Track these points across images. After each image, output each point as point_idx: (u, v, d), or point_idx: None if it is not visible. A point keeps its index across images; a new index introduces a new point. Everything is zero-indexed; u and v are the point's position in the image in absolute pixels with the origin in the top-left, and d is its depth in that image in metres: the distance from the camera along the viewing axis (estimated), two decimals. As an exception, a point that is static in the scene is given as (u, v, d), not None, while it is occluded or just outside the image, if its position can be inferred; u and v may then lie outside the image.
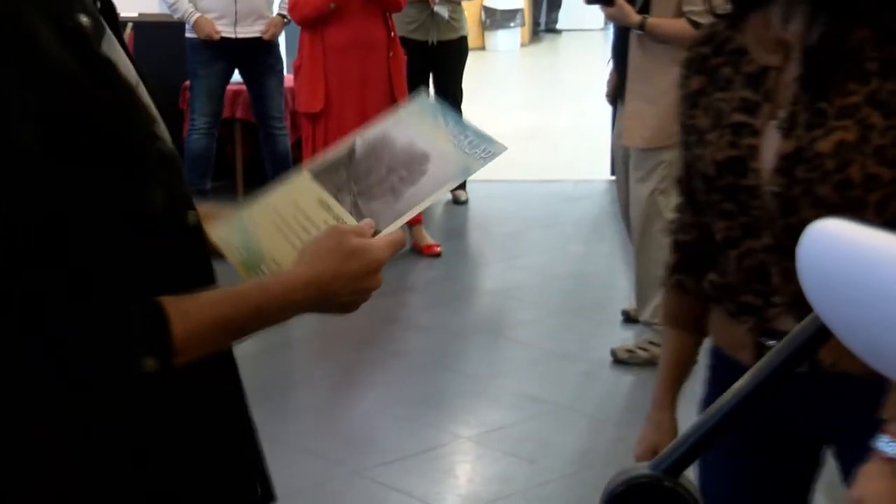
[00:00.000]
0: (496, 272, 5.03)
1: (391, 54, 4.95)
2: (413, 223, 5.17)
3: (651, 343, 3.78)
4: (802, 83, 1.44)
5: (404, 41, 5.28)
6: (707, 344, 1.68)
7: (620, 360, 3.85)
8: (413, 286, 4.94)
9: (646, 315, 3.82)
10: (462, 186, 6.09)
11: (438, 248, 5.19)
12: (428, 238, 5.22)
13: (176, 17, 5.53)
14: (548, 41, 14.05)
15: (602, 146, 6.68)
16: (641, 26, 3.63)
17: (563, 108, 9.17)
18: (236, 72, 5.67)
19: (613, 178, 6.45)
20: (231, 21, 5.46)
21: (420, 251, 5.18)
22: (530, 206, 6.12)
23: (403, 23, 5.46)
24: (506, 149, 1.22)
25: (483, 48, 12.54)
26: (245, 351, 1.22)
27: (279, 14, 5.55)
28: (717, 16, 1.57)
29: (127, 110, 1.06)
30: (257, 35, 5.51)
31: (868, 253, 0.63)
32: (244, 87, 5.81)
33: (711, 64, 1.53)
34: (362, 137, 1.25)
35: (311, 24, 4.92)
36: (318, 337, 4.33)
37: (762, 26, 1.49)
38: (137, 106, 1.08)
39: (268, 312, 1.10)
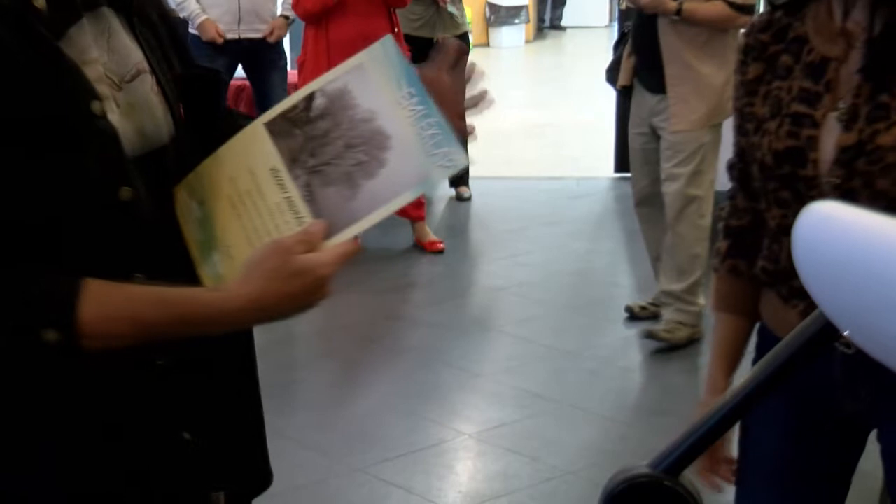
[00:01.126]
0: (499, 269, 5.03)
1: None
2: (415, 219, 5.17)
3: (680, 323, 3.94)
4: (864, 75, 1.44)
5: (409, 39, 5.27)
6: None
7: (660, 339, 3.96)
8: (416, 282, 4.94)
9: (678, 288, 3.94)
10: (465, 183, 6.09)
11: (441, 245, 5.19)
12: (431, 234, 5.22)
13: (182, 15, 5.52)
14: (552, 38, 14.04)
15: (606, 143, 6.69)
16: (678, 12, 3.66)
17: (567, 105, 9.16)
18: (239, 67, 5.66)
19: (617, 175, 6.46)
20: (234, 20, 5.45)
21: (423, 248, 5.18)
22: (534, 203, 6.11)
23: (408, 20, 5.46)
24: (467, 164, 1.20)
25: (487, 45, 12.54)
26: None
27: (282, 15, 5.54)
28: (774, 6, 1.56)
29: (59, 89, 1.07)
30: (260, 36, 5.49)
31: (864, 236, 0.62)
32: (247, 83, 5.81)
33: (770, 52, 1.53)
34: (322, 90, 1.20)
35: (314, 19, 4.92)
36: (320, 333, 4.33)
37: (823, 16, 1.49)
38: (76, 86, 1.08)
39: (195, 323, 1.10)
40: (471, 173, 6.10)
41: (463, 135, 1.26)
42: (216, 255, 1.18)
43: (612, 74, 4.14)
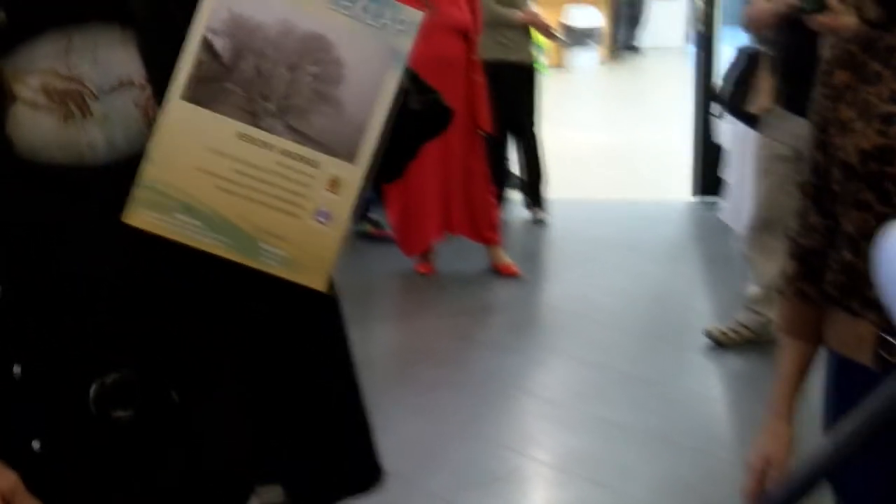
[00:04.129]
0: (575, 293, 4.97)
1: (472, 77, 4.90)
2: (490, 243, 5.15)
3: (743, 326, 4.00)
4: None
5: (499, 64, 5.28)
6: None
7: (719, 342, 4.03)
8: (491, 306, 4.91)
9: (755, 293, 4.00)
10: (541, 206, 6.05)
11: (516, 269, 5.15)
12: (506, 258, 5.19)
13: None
14: (627, 59, 13.96)
15: (682, 166, 6.60)
16: None
17: (643, 127, 9.08)
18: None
19: (694, 198, 6.38)
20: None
21: (498, 271, 5.15)
22: (610, 227, 6.05)
23: (500, 45, 5.47)
24: (420, 13, 1.11)
25: (561, 66, 12.50)
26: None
27: None
28: (867, 22, 1.55)
29: None
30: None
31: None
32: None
33: (859, 60, 1.52)
34: (211, 31, 1.08)
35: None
36: (395, 356, 4.33)
37: None
38: None
39: None
40: (546, 196, 6.07)
41: None
42: (263, 244, 1.12)
43: (736, 98, 3.96)
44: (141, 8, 1.21)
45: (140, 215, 1.11)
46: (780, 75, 3.79)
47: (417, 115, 1.25)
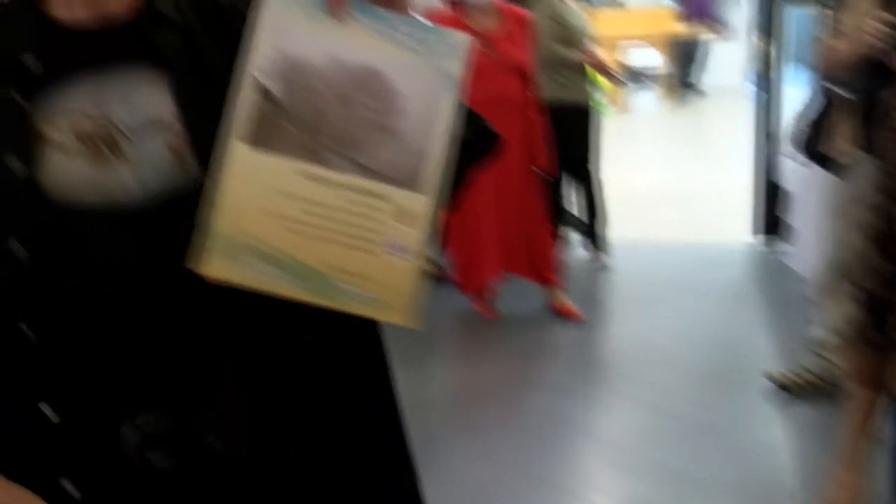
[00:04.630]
0: (635, 336, 4.93)
1: (530, 116, 4.91)
2: (550, 284, 5.13)
3: (808, 370, 3.96)
4: None
5: (558, 104, 5.29)
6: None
7: (782, 386, 4.00)
8: (551, 349, 4.88)
9: (825, 337, 3.90)
10: (601, 248, 6.02)
11: (576, 311, 5.13)
12: (565, 299, 5.17)
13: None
14: (687, 99, 13.89)
15: (743, 209, 6.54)
16: None
17: (703, 167, 9.02)
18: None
19: (755, 241, 6.30)
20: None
21: (558, 313, 5.12)
22: (671, 269, 6.01)
23: (559, 85, 5.48)
24: (467, 37, 1.10)
25: (620, 107, 12.47)
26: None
27: None
28: None
29: None
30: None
31: None
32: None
33: None
34: (260, 72, 1.07)
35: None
36: (454, 397, 4.31)
37: None
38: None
39: None
40: (606, 237, 6.04)
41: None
42: (341, 284, 1.10)
43: (811, 140, 3.90)
44: (172, 48, 1.22)
45: (213, 266, 1.09)
46: (858, 117, 3.72)
47: (466, 143, 1.26)
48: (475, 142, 1.29)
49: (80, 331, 1.19)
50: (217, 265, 1.08)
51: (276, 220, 1.08)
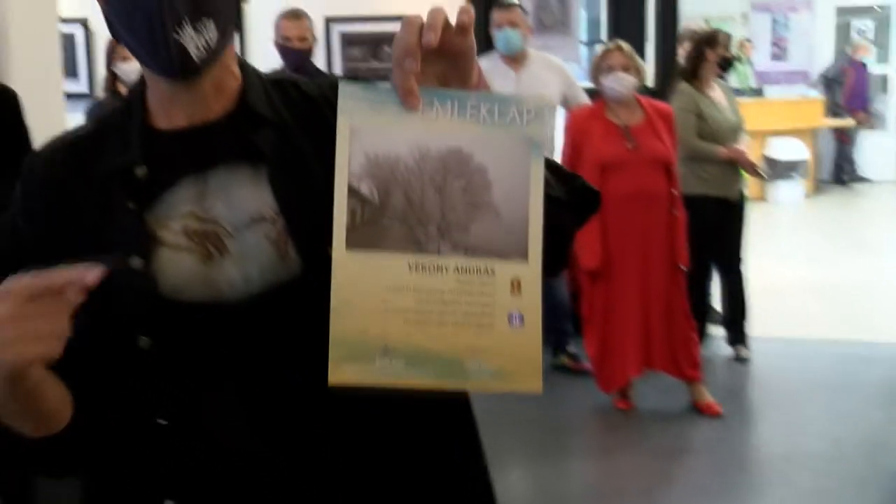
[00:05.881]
0: (782, 436, 4.75)
1: (673, 211, 4.85)
2: (691, 380, 5.01)
3: None
4: None
5: (701, 199, 5.23)
6: None
7: None
8: (693, 447, 4.74)
9: None
10: (744, 342, 5.86)
11: (719, 408, 4.98)
12: (708, 396, 5.03)
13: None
14: (834, 192, 13.54)
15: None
16: None
17: (851, 262, 8.73)
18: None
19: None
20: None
21: (699, 410, 4.98)
22: (819, 366, 5.79)
23: (701, 180, 5.42)
24: (544, 96, 1.11)
25: (764, 199, 12.25)
26: None
27: None
28: None
29: (102, 248, 1.22)
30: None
31: None
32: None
33: None
34: (354, 177, 1.10)
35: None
36: (592, 495, 4.22)
37: None
38: (123, 244, 1.23)
39: None
40: (749, 333, 5.88)
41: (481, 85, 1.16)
42: (468, 363, 1.11)
43: None
44: (268, 144, 1.27)
45: (342, 373, 1.10)
46: None
47: (564, 203, 1.25)
48: (575, 202, 1.29)
49: (199, 422, 1.25)
50: (345, 371, 1.10)
51: (394, 314, 1.10)
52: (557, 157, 5.52)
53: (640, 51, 5.84)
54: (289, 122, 1.30)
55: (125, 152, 1.28)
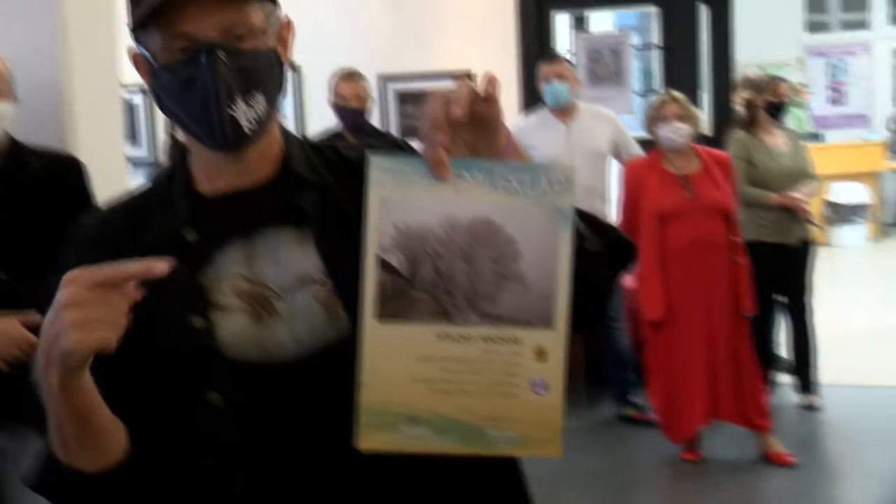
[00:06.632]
0: (858, 488, 4.62)
1: (735, 259, 4.79)
2: (760, 429, 4.91)
3: None
4: None
5: (758, 245, 5.17)
6: None
7: None
8: (765, 499, 4.63)
9: None
10: (814, 391, 5.74)
11: (791, 459, 4.86)
12: (778, 446, 4.92)
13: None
14: (898, 236, 13.32)
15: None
16: None
17: (922, 307, 8.54)
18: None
19: None
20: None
21: (769, 460, 4.88)
22: (891, 414, 5.64)
23: (758, 226, 5.37)
24: (572, 168, 1.11)
25: (827, 244, 12.07)
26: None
27: None
28: None
29: (167, 310, 1.25)
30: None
31: None
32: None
33: None
34: (381, 249, 1.12)
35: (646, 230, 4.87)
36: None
37: None
38: (184, 305, 1.26)
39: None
40: (819, 380, 5.76)
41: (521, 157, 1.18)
42: (491, 431, 1.14)
43: None
44: (312, 206, 1.30)
45: (370, 440, 1.14)
46: None
47: (600, 256, 1.25)
48: (611, 255, 1.30)
49: (265, 475, 1.26)
50: (373, 438, 1.14)
51: (420, 384, 1.13)
52: (609, 205, 5.51)
53: (695, 99, 5.83)
54: (330, 185, 1.33)
55: (173, 217, 1.32)
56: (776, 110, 5.66)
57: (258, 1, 1.27)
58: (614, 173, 5.64)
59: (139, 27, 1.25)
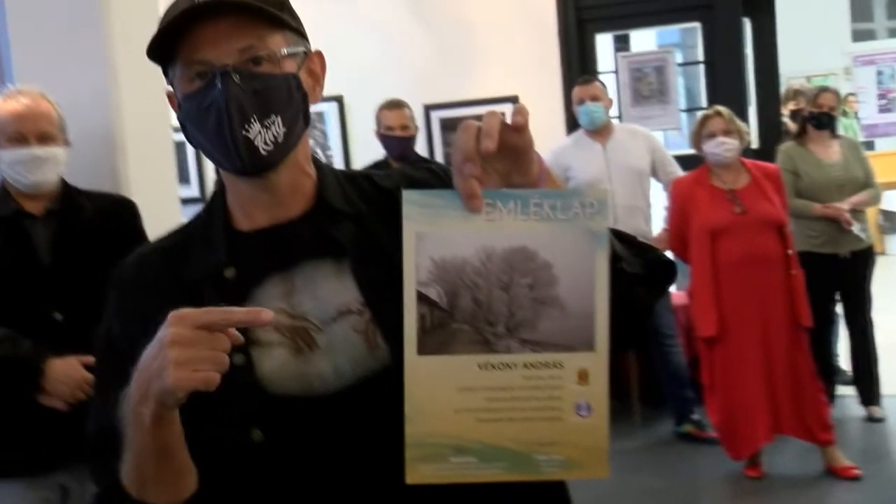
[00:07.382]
0: (926, 497, 4.53)
1: (790, 272, 4.74)
2: (824, 443, 4.84)
3: None
4: None
5: (808, 256, 5.11)
6: None
7: None
8: (831, 513, 4.56)
9: None
10: (877, 402, 5.64)
11: (857, 471, 4.78)
12: (844, 459, 4.84)
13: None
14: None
15: None
16: None
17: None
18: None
19: None
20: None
21: (835, 473, 4.80)
22: (959, 424, 5.53)
23: (807, 237, 5.32)
24: (605, 190, 1.12)
25: (882, 253, 11.88)
26: None
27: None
28: None
29: None
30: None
31: None
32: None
33: None
34: (421, 284, 1.12)
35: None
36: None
37: None
38: None
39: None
40: (883, 391, 5.67)
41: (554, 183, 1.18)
42: (538, 456, 1.14)
43: None
44: (349, 240, 1.30)
45: (419, 473, 1.15)
46: None
47: (639, 277, 1.24)
48: (651, 275, 1.29)
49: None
50: (421, 471, 1.14)
51: (465, 414, 1.14)
52: (653, 224, 5.49)
53: (742, 113, 5.79)
54: (366, 215, 1.33)
55: (211, 255, 1.33)
56: (821, 121, 5.61)
57: (279, 29, 1.28)
58: (656, 191, 5.62)
59: (166, 62, 1.29)
